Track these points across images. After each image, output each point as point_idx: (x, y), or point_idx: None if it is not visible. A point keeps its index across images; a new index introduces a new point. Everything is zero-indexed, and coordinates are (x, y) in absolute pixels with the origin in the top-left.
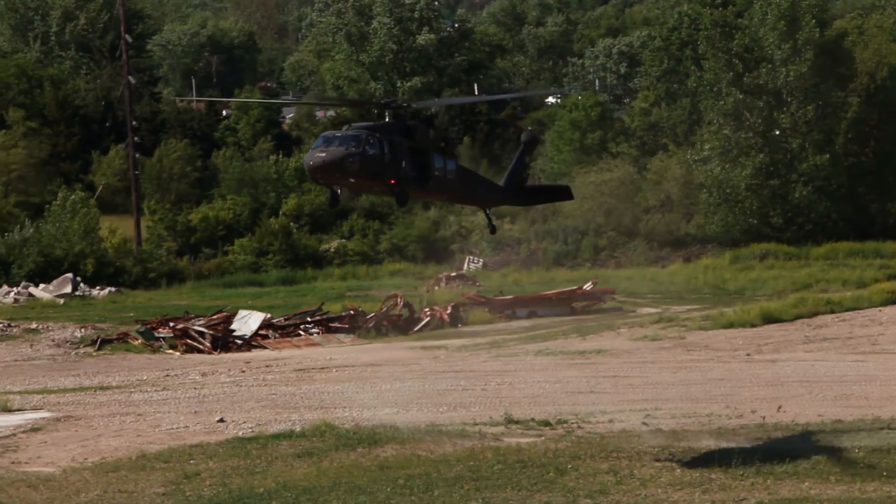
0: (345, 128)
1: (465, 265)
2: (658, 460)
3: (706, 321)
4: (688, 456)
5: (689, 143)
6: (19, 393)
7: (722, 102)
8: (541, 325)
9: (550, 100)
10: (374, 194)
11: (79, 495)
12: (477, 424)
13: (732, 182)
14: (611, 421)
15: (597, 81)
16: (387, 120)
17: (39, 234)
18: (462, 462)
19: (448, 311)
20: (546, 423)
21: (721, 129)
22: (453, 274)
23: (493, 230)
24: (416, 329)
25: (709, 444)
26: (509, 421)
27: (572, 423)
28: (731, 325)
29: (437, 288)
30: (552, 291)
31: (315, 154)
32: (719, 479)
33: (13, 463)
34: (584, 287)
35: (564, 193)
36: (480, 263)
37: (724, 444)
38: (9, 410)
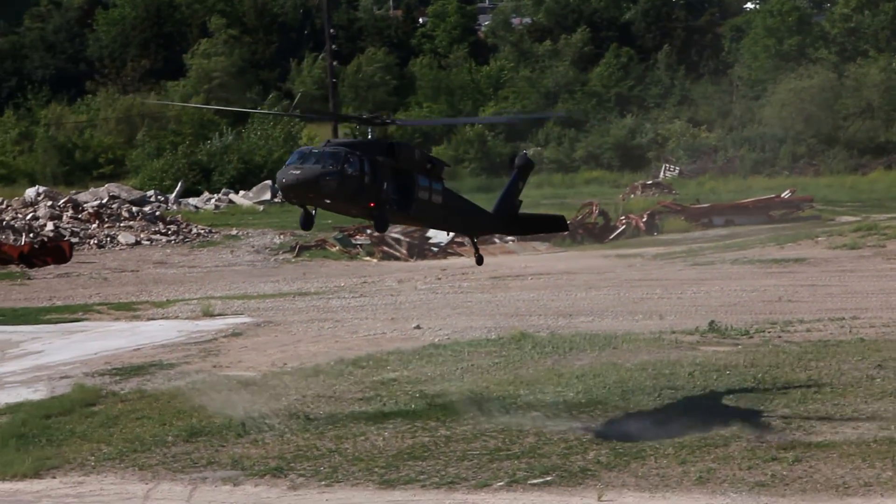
0: (322, 143)
1: (662, 173)
2: (857, 370)
3: None
4: (887, 365)
5: (892, 48)
6: (220, 298)
7: None
8: (737, 234)
9: (749, 5)
10: (350, 216)
11: (279, 399)
12: (673, 333)
13: None
14: (808, 330)
15: None
16: (369, 137)
17: (240, 141)
18: (658, 371)
19: (644, 220)
20: (744, 332)
21: None
22: (649, 182)
23: (479, 261)
24: (611, 237)
25: None
26: (706, 330)
27: (770, 332)
28: None
29: (632, 196)
30: (749, 199)
31: (288, 171)
32: None
33: (214, 367)
34: (782, 195)
35: (559, 224)
36: (677, 171)
37: None
38: (210, 315)
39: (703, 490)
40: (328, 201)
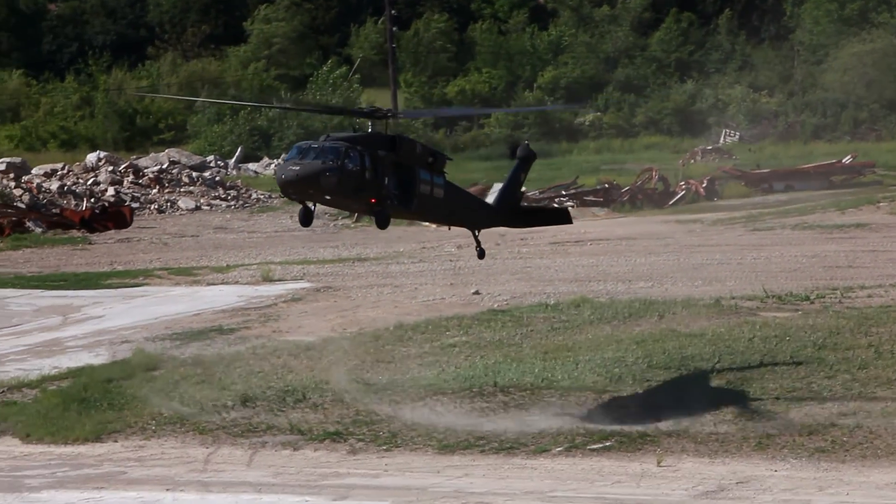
0: (322, 138)
1: (722, 138)
2: None
3: None
4: None
5: None
6: (280, 263)
7: None
8: (798, 199)
9: None
10: (350, 212)
11: (338, 364)
12: (733, 298)
13: None
14: (870, 296)
15: None
16: (370, 130)
17: (300, 106)
18: (718, 336)
19: (703, 185)
20: (804, 298)
21: None
22: (709, 147)
23: (481, 255)
24: (671, 202)
25: None
26: (766, 295)
27: (830, 298)
28: None
29: (692, 161)
30: (810, 165)
31: (288, 168)
32: None
33: (274, 332)
34: (843, 160)
35: (563, 217)
36: (737, 136)
37: None
38: (270, 280)
39: (762, 455)
40: (328, 197)
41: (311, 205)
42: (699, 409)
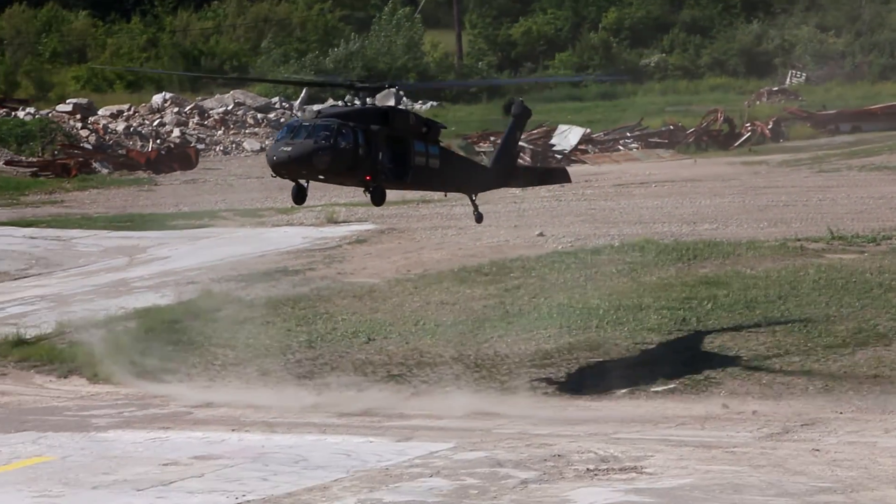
0: (312, 115)
1: (788, 79)
2: None
3: None
4: None
5: None
6: (344, 205)
7: None
8: (865, 140)
9: None
10: (345, 187)
11: (402, 307)
12: (798, 240)
13: None
14: None
15: None
16: (361, 104)
17: (364, 48)
18: (783, 278)
19: (769, 126)
20: (870, 240)
21: None
22: (775, 88)
23: (479, 218)
24: (736, 144)
25: None
26: (832, 237)
27: None
28: None
29: (758, 102)
30: (877, 106)
31: (279, 148)
32: None
33: (339, 273)
34: None
35: (562, 175)
36: (803, 77)
37: None
38: (335, 222)
39: (827, 398)
40: (322, 176)
41: (303, 182)
42: (764, 351)
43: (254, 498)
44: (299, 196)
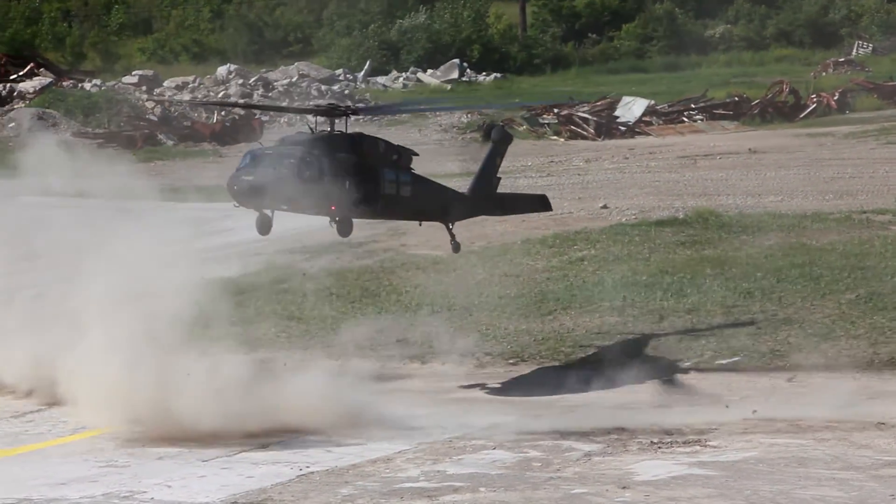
0: (276, 142)
1: (854, 50)
2: None
3: None
4: None
5: None
6: None
7: None
8: None
9: None
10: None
11: (466, 279)
12: (864, 213)
13: None
14: None
15: None
16: (328, 130)
17: (430, 20)
18: (849, 251)
19: (835, 98)
20: None
21: None
22: (841, 59)
23: (456, 248)
24: (801, 116)
25: None
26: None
27: None
28: None
29: (824, 74)
30: None
31: (240, 177)
32: None
33: (402, 245)
34: None
35: (542, 203)
36: (870, 48)
37: None
38: None
39: (893, 371)
40: (285, 206)
41: (268, 212)
42: (829, 324)
43: (318, 469)
44: (264, 227)
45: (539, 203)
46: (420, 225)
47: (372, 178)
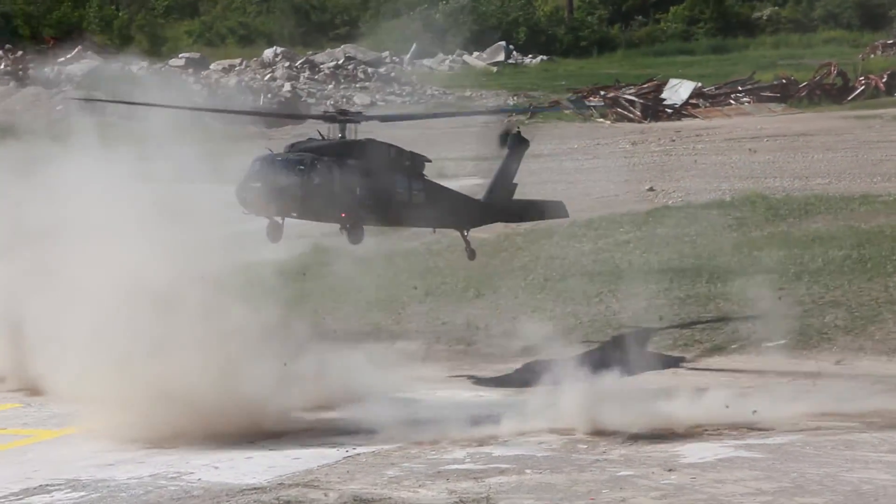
0: (285, 148)
1: None
2: None
3: None
4: None
5: None
6: (453, 160)
7: None
8: None
9: None
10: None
11: (511, 261)
12: None
13: None
14: None
15: None
16: (338, 137)
17: (476, 2)
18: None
19: (884, 80)
20: None
21: None
22: (890, 41)
23: (471, 255)
24: (849, 98)
25: None
26: None
27: None
28: None
29: (872, 56)
30: None
31: (248, 185)
32: None
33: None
34: None
35: (559, 210)
36: None
37: None
38: (444, 176)
39: None
40: (294, 214)
41: (278, 219)
42: (876, 308)
43: (363, 451)
44: (274, 234)
45: (556, 210)
46: (434, 232)
47: (382, 185)
